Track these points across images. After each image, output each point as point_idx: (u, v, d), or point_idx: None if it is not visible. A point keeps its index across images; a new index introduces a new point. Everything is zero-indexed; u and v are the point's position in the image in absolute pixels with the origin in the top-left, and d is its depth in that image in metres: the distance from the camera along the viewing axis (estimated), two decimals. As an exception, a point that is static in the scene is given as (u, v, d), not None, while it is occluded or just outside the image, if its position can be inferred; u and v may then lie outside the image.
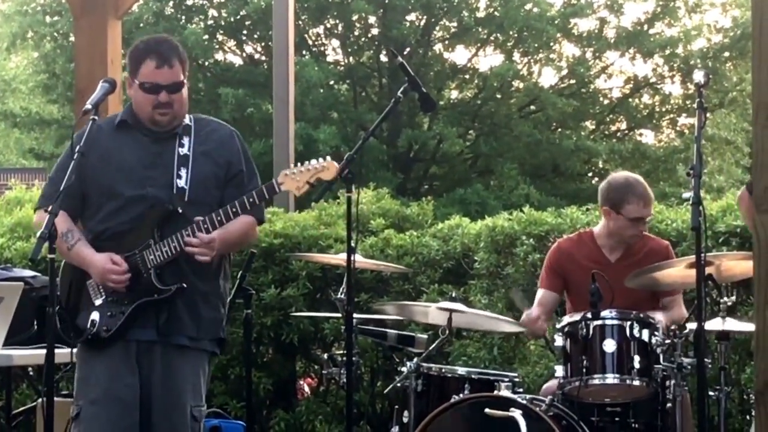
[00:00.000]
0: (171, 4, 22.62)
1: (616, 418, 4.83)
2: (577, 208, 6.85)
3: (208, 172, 4.34)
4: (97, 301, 4.29)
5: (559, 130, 22.91)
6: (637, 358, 4.66)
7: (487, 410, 4.65)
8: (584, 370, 4.64)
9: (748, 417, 5.78)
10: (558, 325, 4.89)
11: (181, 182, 4.29)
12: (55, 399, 4.10)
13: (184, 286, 4.23)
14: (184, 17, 22.54)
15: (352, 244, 4.60)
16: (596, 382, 4.67)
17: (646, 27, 22.69)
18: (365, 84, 23.45)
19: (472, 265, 6.86)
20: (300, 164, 4.23)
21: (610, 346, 4.68)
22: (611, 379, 4.68)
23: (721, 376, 4.74)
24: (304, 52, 21.69)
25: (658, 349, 4.68)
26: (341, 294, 5.23)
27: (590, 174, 23.90)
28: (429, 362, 5.16)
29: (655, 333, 4.70)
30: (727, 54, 23.06)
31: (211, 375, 6.86)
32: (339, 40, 23.34)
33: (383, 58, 22.82)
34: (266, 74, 19.53)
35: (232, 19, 22.25)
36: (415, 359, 5.10)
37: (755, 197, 3.32)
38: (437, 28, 23.15)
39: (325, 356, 5.60)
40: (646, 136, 24.74)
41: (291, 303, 6.99)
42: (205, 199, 4.30)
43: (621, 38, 22.47)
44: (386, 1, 21.86)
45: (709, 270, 4.56)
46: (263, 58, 22.60)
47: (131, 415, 4.17)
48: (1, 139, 32.91)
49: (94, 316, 4.25)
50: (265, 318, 7.02)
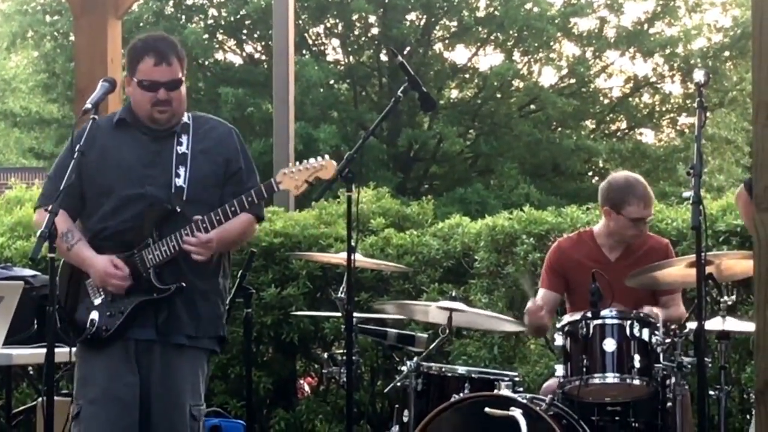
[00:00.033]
0: (171, 3, 22.60)
1: (617, 418, 4.81)
2: (577, 208, 6.85)
3: (207, 171, 4.33)
4: (96, 301, 4.28)
5: (559, 129, 22.90)
6: (637, 358, 4.65)
7: (487, 409, 4.64)
8: (584, 370, 4.63)
9: (749, 416, 5.77)
10: (558, 325, 4.89)
11: (180, 181, 4.28)
12: (55, 398, 4.09)
13: (183, 285, 4.22)
14: (184, 17, 22.53)
15: (353, 244, 4.59)
16: (596, 381, 4.66)
17: (646, 26, 22.69)
18: (365, 83, 23.44)
19: (473, 265, 6.86)
20: (298, 163, 4.23)
21: (610, 345, 4.67)
22: (611, 378, 4.67)
23: (721, 376, 4.74)
24: (304, 52, 21.68)
25: (659, 349, 4.67)
26: (341, 293, 5.22)
27: (590, 173, 23.89)
28: (429, 361, 5.16)
29: (656, 332, 4.69)
30: (727, 53, 23.06)
31: (212, 374, 6.92)
32: (339, 40, 23.33)
33: (383, 58, 22.81)
34: (266, 74, 19.51)
35: (232, 19, 22.24)
36: (415, 358, 5.09)
37: (755, 196, 3.32)
38: (437, 28, 23.14)
39: (326, 355, 5.59)
40: (646, 136, 24.78)
41: (291, 302, 6.99)
42: (204, 198, 4.29)
43: (621, 38, 22.46)
44: (386, 1, 21.85)
45: (709, 269, 4.56)
46: (263, 58, 22.58)
47: (131, 415, 4.17)
48: (1, 139, 32.90)
49: (94, 315, 4.25)
50: (266, 317, 7.01)
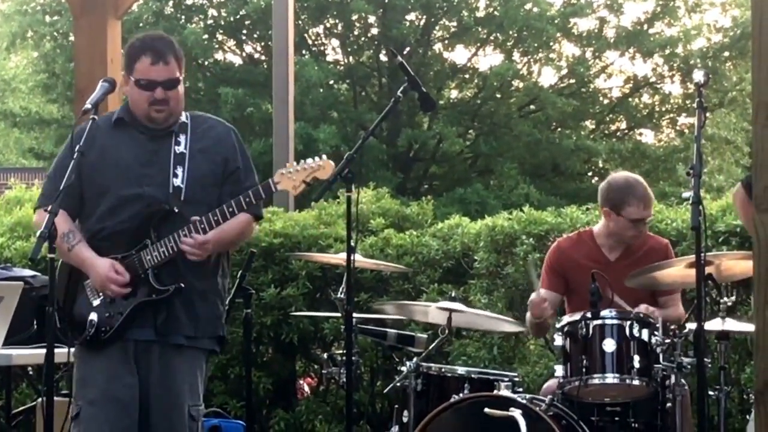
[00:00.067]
0: (171, 3, 22.60)
1: (616, 418, 4.81)
2: (576, 208, 6.85)
3: (205, 170, 4.32)
4: (95, 302, 4.27)
5: (559, 129, 22.90)
6: (636, 358, 4.65)
7: (486, 410, 4.64)
8: (584, 370, 4.63)
9: (748, 417, 5.77)
10: (558, 325, 4.88)
11: (178, 181, 4.27)
12: (55, 398, 4.10)
13: (182, 286, 4.22)
14: (183, 17, 22.53)
15: (352, 244, 4.59)
16: (596, 381, 4.65)
17: (645, 27, 22.69)
18: (365, 84, 23.44)
19: (472, 265, 6.86)
20: (296, 163, 4.23)
21: (609, 345, 4.67)
22: (611, 378, 4.67)
23: (720, 376, 4.73)
24: (304, 52, 21.68)
25: (658, 349, 4.67)
26: (341, 293, 5.22)
27: (590, 173, 23.89)
28: (429, 362, 5.15)
29: (655, 332, 4.69)
30: (727, 54, 23.06)
31: (211, 374, 6.93)
32: (339, 40, 23.33)
33: (383, 58, 22.81)
34: (266, 74, 19.51)
35: (232, 19, 22.24)
36: (415, 359, 5.09)
37: (755, 197, 3.32)
38: (437, 28, 23.14)
39: (325, 356, 5.59)
40: (646, 136, 24.78)
41: (291, 302, 6.99)
42: (202, 198, 4.29)
43: (621, 38, 22.46)
44: (386, 1, 21.85)
45: (708, 270, 4.56)
46: (263, 58, 22.58)
47: (130, 416, 4.17)
48: (1, 139, 32.90)
49: (92, 316, 4.24)
50: (265, 317, 7.01)
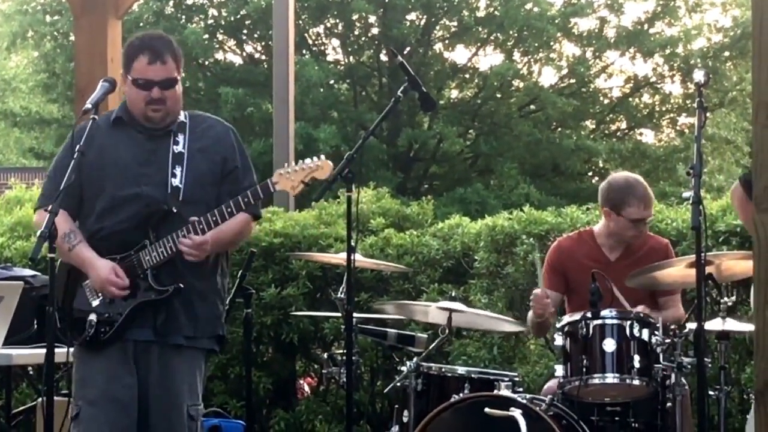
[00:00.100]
0: (171, 3, 22.59)
1: (616, 418, 4.81)
2: (577, 208, 6.85)
3: (204, 169, 4.32)
4: (95, 302, 4.27)
5: (559, 129, 22.89)
6: (637, 358, 4.65)
7: (487, 410, 4.64)
8: (584, 370, 4.63)
9: (748, 417, 5.77)
10: (558, 325, 4.88)
11: (176, 181, 4.27)
12: (55, 398, 4.10)
13: (181, 286, 4.22)
14: (184, 17, 22.52)
15: (352, 244, 4.59)
16: (596, 381, 4.65)
17: (646, 26, 22.67)
18: (365, 83, 23.43)
19: (472, 265, 6.86)
20: (295, 163, 4.23)
21: (610, 345, 4.66)
22: (611, 378, 4.66)
23: (721, 376, 4.74)
24: (304, 52, 21.67)
25: (658, 349, 4.67)
26: (341, 293, 5.22)
27: (590, 173, 23.88)
28: (429, 362, 5.15)
29: (655, 332, 4.68)
30: (727, 53, 23.05)
31: (211, 374, 6.93)
32: (339, 40, 23.32)
33: (383, 58, 22.81)
34: (266, 74, 19.51)
35: (232, 19, 22.23)
36: (415, 359, 5.09)
37: (755, 197, 3.32)
38: (437, 28, 23.13)
39: (325, 355, 5.58)
40: (646, 136, 24.76)
41: (291, 302, 6.99)
42: (201, 197, 4.28)
43: (621, 38, 22.44)
44: (386, 1, 21.84)
45: (709, 269, 4.56)
46: (263, 58, 22.58)
47: (129, 416, 4.17)
48: (1, 139, 32.89)
49: (92, 317, 4.24)
50: (265, 317, 7.01)
